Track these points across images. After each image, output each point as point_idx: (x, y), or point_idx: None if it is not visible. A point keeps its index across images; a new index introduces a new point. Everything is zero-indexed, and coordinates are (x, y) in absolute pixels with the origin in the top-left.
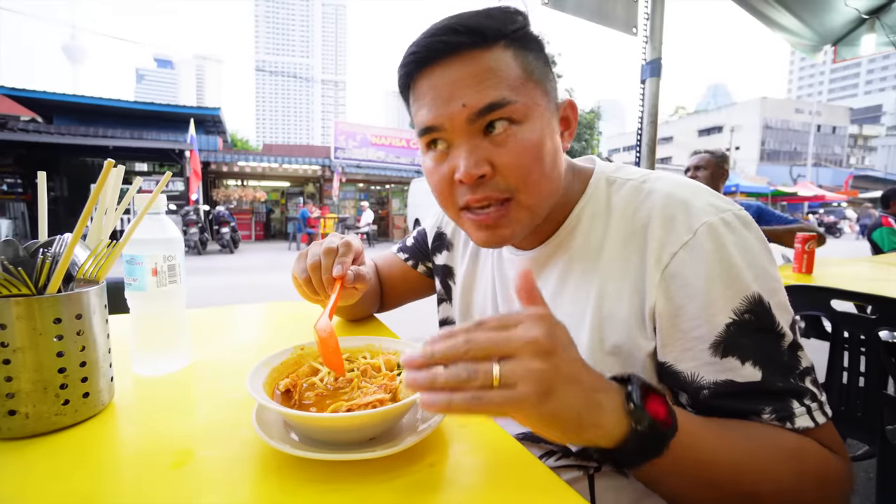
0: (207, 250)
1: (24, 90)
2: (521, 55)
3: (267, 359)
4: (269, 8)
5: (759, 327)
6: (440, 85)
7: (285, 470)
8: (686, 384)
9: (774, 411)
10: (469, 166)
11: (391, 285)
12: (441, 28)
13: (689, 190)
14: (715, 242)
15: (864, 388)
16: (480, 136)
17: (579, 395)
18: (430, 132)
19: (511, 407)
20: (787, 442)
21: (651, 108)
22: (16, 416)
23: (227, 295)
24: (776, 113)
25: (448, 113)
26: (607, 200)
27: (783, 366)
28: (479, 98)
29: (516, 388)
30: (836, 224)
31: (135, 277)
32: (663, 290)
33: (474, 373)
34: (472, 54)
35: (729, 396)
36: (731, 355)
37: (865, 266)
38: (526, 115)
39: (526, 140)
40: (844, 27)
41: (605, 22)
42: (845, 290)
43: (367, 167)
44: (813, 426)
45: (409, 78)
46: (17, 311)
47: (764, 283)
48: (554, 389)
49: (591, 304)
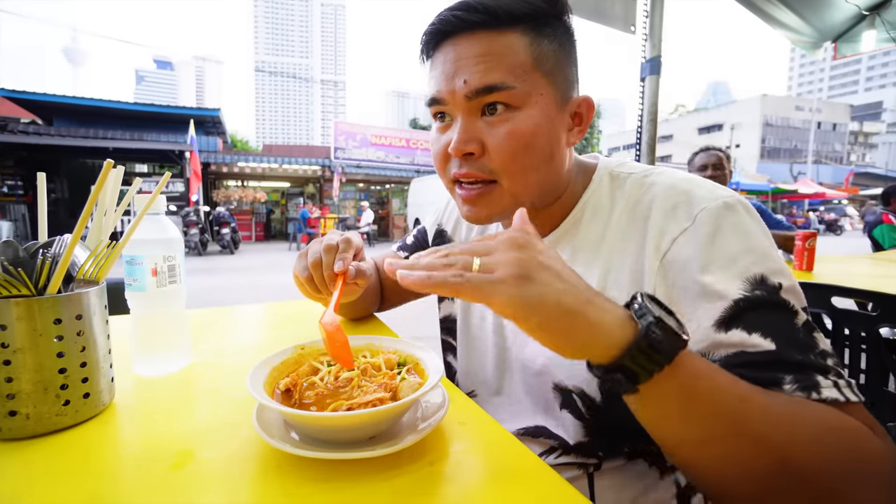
0: (208, 251)
1: (24, 92)
2: (537, 43)
3: (267, 358)
4: (269, 8)
5: (769, 302)
6: (449, 60)
7: (286, 469)
8: None
9: (797, 381)
10: (459, 141)
11: (391, 284)
12: (461, 4)
13: (691, 182)
14: (714, 224)
15: (865, 385)
16: (478, 115)
17: (560, 285)
18: (435, 103)
19: (489, 287)
20: (823, 411)
21: (651, 106)
22: (16, 417)
23: (227, 295)
24: (776, 110)
25: (450, 88)
26: (610, 194)
27: (799, 342)
28: (479, 78)
29: (494, 273)
30: (837, 221)
31: (135, 278)
32: (662, 277)
33: (454, 260)
34: (485, 35)
35: (741, 366)
36: (737, 327)
37: (866, 263)
38: (524, 102)
39: (518, 127)
40: (844, 23)
41: (603, 21)
42: (846, 288)
43: (367, 167)
44: (843, 400)
45: (426, 48)
46: (17, 312)
47: (766, 264)
48: (531, 275)
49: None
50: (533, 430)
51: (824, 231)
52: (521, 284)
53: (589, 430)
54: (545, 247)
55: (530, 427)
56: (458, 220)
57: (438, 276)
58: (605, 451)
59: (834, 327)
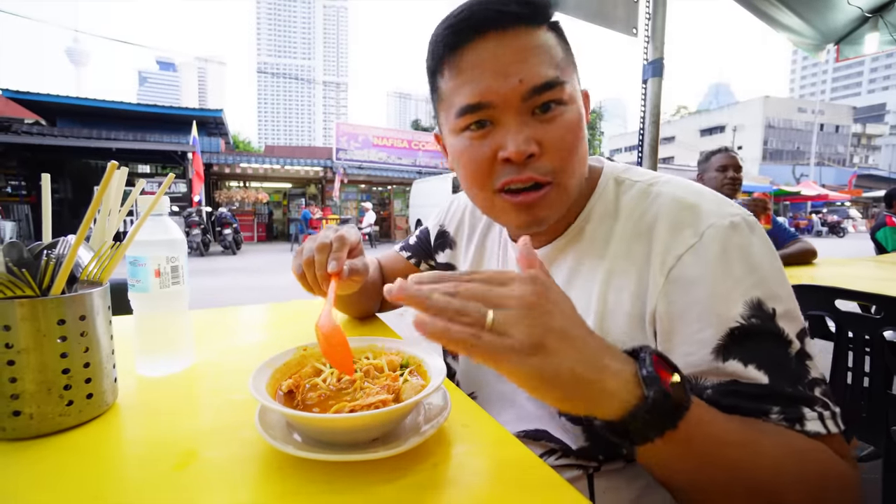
0: (210, 251)
1: (27, 93)
2: (560, 38)
3: (269, 360)
4: (271, 10)
5: (764, 331)
6: (491, 58)
7: (288, 471)
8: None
9: (783, 412)
10: (519, 143)
11: (394, 279)
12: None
13: (697, 194)
14: (721, 245)
15: (868, 388)
16: (529, 114)
17: (574, 353)
18: (475, 111)
19: (502, 355)
20: (795, 440)
21: (653, 108)
22: (20, 417)
23: (229, 296)
24: (779, 112)
25: (501, 88)
26: (616, 201)
27: (790, 373)
28: (536, 74)
29: (508, 336)
30: (840, 223)
31: (138, 279)
32: (665, 294)
33: (465, 307)
34: (525, 30)
35: (733, 395)
36: (734, 358)
37: (870, 266)
38: (571, 97)
39: (571, 121)
40: (847, 26)
41: (605, 23)
42: (849, 290)
43: (369, 168)
44: (824, 433)
45: (450, 46)
46: (21, 313)
47: (768, 288)
48: (546, 343)
49: (595, 301)
50: (534, 433)
51: (827, 233)
52: (535, 354)
53: (589, 436)
54: (559, 296)
55: (531, 430)
56: (460, 222)
57: (456, 333)
58: (605, 455)
59: (837, 330)
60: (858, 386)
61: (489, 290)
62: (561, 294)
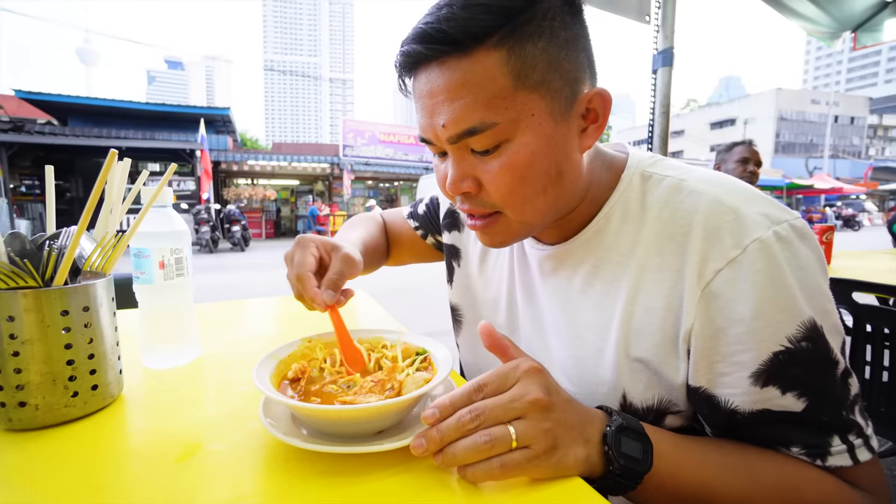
0: (219, 248)
1: (40, 94)
2: (517, 52)
3: (273, 351)
4: (277, 7)
5: (814, 356)
6: (423, 95)
7: (292, 463)
8: (718, 408)
9: (807, 446)
10: (452, 182)
11: (398, 248)
12: (418, 33)
13: (740, 196)
14: (768, 262)
15: (887, 382)
16: (468, 150)
17: (572, 437)
18: (424, 142)
19: (528, 465)
20: (795, 475)
21: (663, 99)
22: (26, 408)
23: (238, 291)
24: (791, 104)
25: (432, 129)
26: (641, 199)
27: (835, 397)
28: (455, 122)
29: (532, 447)
30: (855, 217)
31: (142, 270)
32: (703, 310)
33: (494, 441)
34: (454, 62)
35: (760, 424)
36: (773, 385)
37: (887, 258)
38: (514, 132)
39: (512, 160)
40: (865, 12)
41: (617, 10)
42: (868, 283)
43: (376, 164)
44: (849, 465)
45: (405, 72)
46: (24, 304)
47: (818, 304)
48: (559, 441)
49: (619, 315)
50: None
51: (842, 227)
52: (552, 454)
53: None
54: (559, 396)
55: None
56: None
57: (496, 470)
58: None
59: (855, 324)
60: (877, 381)
61: (507, 402)
62: (551, 379)
